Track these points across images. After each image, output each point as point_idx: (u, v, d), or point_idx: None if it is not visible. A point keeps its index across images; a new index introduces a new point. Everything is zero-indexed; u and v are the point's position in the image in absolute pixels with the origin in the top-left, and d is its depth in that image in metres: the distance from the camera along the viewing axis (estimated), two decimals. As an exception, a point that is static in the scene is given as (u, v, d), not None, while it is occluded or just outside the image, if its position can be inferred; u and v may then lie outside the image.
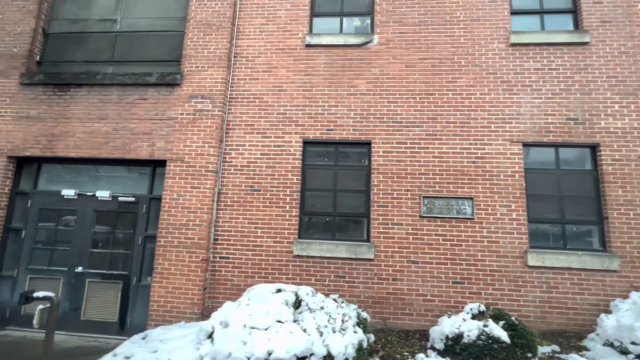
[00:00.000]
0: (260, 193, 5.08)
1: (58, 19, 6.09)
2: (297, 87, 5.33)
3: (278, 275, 4.84)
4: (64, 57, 5.92)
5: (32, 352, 4.36)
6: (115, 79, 5.41)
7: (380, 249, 4.78)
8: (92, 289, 5.11)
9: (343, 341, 3.05)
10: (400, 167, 4.97)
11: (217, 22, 5.51)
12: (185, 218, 4.96)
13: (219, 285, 4.90)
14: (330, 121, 5.19)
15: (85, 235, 5.27)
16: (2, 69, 5.70)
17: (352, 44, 5.35)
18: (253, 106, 5.34)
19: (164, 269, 4.85)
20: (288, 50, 5.47)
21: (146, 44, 5.81)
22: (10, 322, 5.12)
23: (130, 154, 5.22)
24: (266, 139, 5.23)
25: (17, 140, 5.43)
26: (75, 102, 5.47)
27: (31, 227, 5.38)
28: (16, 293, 5.20)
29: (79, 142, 5.33)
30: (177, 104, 5.30)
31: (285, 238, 4.93)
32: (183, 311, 4.72)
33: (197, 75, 5.36)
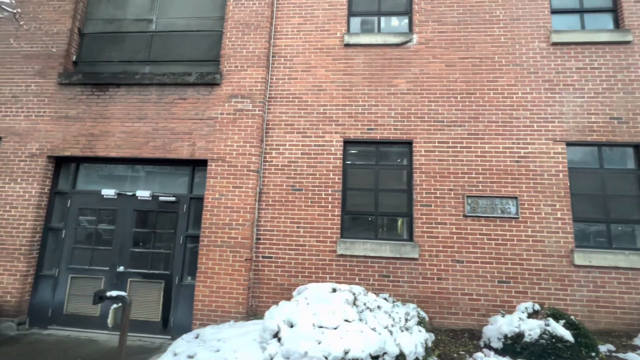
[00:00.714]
0: (301, 192, 5.09)
1: (93, 18, 6.10)
2: (337, 86, 5.33)
3: (322, 275, 4.85)
4: (100, 57, 5.93)
5: (82, 351, 4.37)
6: (154, 78, 5.41)
7: (424, 248, 4.79)
8: (134, 288, 5.13)
9: (412, 340, 3.05)
10: (442, 166, 4.97)
11: (255, 22, 5.52)
12: (228, 218, 4.97)
13: (262, 284, 4.91)
14: (371, 120, 5.19)
15: (126, 234, 5.28)
16: (40, 69, 5.71)
17: (391, 44, 5.35)
18: (292, 106, 5.35)
19: (207, 269, 4.86)
20: (326, 49, 5.47)
21: (182, 44, 5.81)
22: (53, 322, 5.14)
23: (170, 153, 5.23)
24: (306, 139, 5.23)
25: (56, 140, 5.44)
26: (114, 102, 5.48)
27: (71, 226, 5.40)
28: (58, 292, 5.22)
29: (119, 141, 5.34)
30: (217, 104, 5.31)
31: (328, 237, 4.93)
32: (228, 311, 4.73)
33: (237, 75, 5.37)
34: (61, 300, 5.19)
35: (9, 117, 5.60)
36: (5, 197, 5.34)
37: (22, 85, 5.69)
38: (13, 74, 5.74)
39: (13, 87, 5.70)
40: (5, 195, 5.34)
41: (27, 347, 4.42)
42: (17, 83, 5.70)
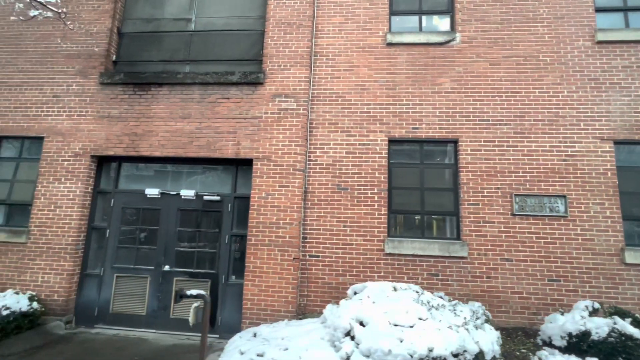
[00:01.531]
0: (347, 191, 5.09)
1: (131, 18, 6.11)
2: (380, 85, 5.34)
3: (369, 274, 4.86)
4: (139, 57, 5.94)
5: (135, 350, 4.39)
6: (197, 78, 5.42)
7: (472, 247, 4.79)
8: (180, 287, 5.11)
9: (488, 338, 3.06)
10: (489, 165, 4.98)
11: (297, 21, 5.52)
12: (275, 217, 4.97)
13: (309, 283, 4.92)
14: (416, 119, 5.19)
15: (170, 234, 5.29)
16: (81, 69, 5.72)
17: (434, 42, 5.35)
18: (336, 105, 5.35)
19: (256, 268, 4.87)
20: (369, 48, 5.46)
21: (222, 43, 5.82)
22: (99, 321, 5.16)
23: (215, 153, 5.24)
24: (351, 138, 5.24)
25: (99, 140, 5.45)
26: (156, 101, 5.49)
27: (114, 225, 5.41)
28: (103, 291, 5.24)
29: (162, 141, 5.35)
30: (261, 103, 5.31)
31: (375, 236, 4.94)
32: (277, 309, 4.74)
33: (280, 74, 5.37)
34: (107, 299, 5.21)
35: (51, 117, 5.61)
36: (49, 196, 5.35)
37: (63, 85, 5.70)
38: (54, 74, 5.75)
39: (54, 86, 5.71)
40: (50, 194, 5.36)
41: (80, 346, 4.43)
42: (58, 83, 5.71)
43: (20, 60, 5.86)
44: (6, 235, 5.28)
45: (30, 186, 5.55)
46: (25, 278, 5.17)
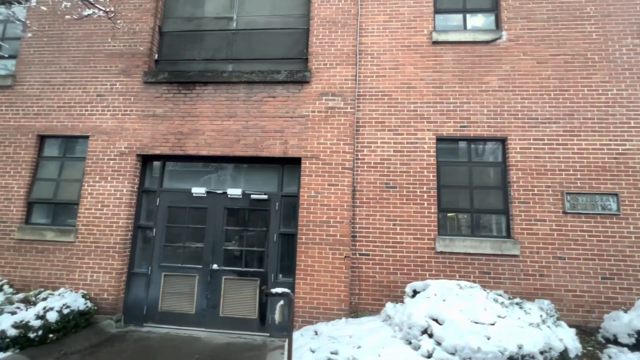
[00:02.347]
0: (396, 190, 5.10)
1: (172, 17, 6.10)
2: (427, 84, 5.33)
3: (421, 272, 4.87)
4: (181, 55, 5.94)
5: (191, 348, 4.39)
6: (243, 76, 5.41)
7: (524, 245, 4.80)
8: (228, 286, 5.15)
9: (568, 335, 3.07)
10: (539, 163, 4.97)
11: (342, 20, 5.51)
12: (325, 215, 4.98)
13: (360, 282, 4.92)
14: (463, 118, 5.19)
15: (217, 232, 5.30)
16: (124, 68, 5.72)
17: (480, 41, 5.34)
18: (382, 103, 5.35)
19: (307, 266, 4.88)
20: (414, 47, 5.46)
21: (264, 42, 5.81)
22: (148, 319, 5.17)
23: (263, 151, 5.24)
24: (398, 136, 5.24)
25: (145, 139, 5.46)
26: (201, 100, 5.49)
27: (161, 224, 5.42)
28: (151, 290, 5.24)
29: (209, 140, 5.35)
30: (308, 102, 5.31)
31: (426, 235, 4.95)
32: (330, 308, 4.75)
33: (326, 73, 5.37)
34: (155, 297, 5.22)
35: (95, 116, 5.62)
36: (96, 195, 5.36)
37: (106, 84, 5.70)
38: (97, 73, 5.75)
39: (98, 85, 5.71)
40: (97, 193, 5.37)
41: (137, 344, 4.44)
42: (102, 82, 5.72)
43: (62, 59, 5.86)
44: (54, 234, 5.29)
45: (74, 185, 5.56)
46: (74, 277, 5.18)
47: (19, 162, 5.61)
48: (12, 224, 5.43)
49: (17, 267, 5.30)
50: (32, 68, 5.90)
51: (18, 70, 5.93)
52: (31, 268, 5.27)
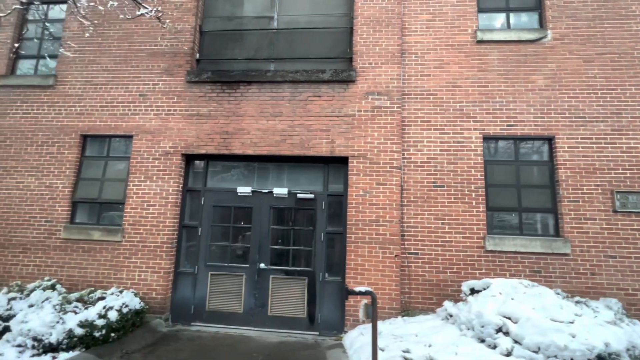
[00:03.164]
0: (443, 189, 5.11)
1: (212, 16, 6.10)
2: (472, 83, 5.34)
3: (471, 271, 4.87)
4: (221, 55, 5.94)
5: (246, 347, 4.40)
6: (288, 76, 5.42)
7: (574, 243, 4.81)
8: (276, 285, 5.16)
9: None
10: (587, 162, 4.98)
11: (385, 19, 5.51)
12: (375, 214, 4.99)
13: (410, 280, 4.94)
14: (510, 117, 5.20)
15: (264, 232, 5.31)
16: (167, 67, 5.72)
17: (525, 40, 5.34)
18: (427, 102, 5.35)
19: (357, 265, 4.89)
20: (458, 46, 5.46)
21: (306, 41, 5.81)
22: (196, 318, 5.18)
23: (309, 151, 5.24)
24: (444, 135, 5.24)
25: (190, 138, 5.46)
26: (245, 99, 5.50)
27: (206, 224, 5.43)
28: (198, 289, 5.26)
29: (255, 139, 5.36)
30: (353, 101, 5.32)
31: (475, 234, 4.96)
32: (381, 307, 4.76)
33: (371, 72, 5.37)
34: (202, 297, 5.23)
35: (139, 116, 5.62)
36: (142, 195, 5.37)
37: (149, 84, 5.70)
38: (139, 73, 5.76)
39: (140, 85, 5.72)
40: (142, 193, 5.37)
41: (191, 343, 4.45)
42: (144, 81, 5.72)
43: (103, 59, 5.86)
44: (100, 234, 5.30)
45: (118, 185, 5.57)
46: (122, 276, 5.19)
47: (63, 161, 5.62)
48: (57, 224, 5.44)
49: (64, 266, 5.31)
50: (73, 68, 5.90)
51: (59, 70, 5.93)
52: (78, 267, 5.29)
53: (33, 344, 3.62)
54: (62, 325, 3.69)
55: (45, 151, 5.68)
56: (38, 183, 5.59)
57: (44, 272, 5.32)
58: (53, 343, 3.63)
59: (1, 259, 5.44)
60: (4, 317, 3.98)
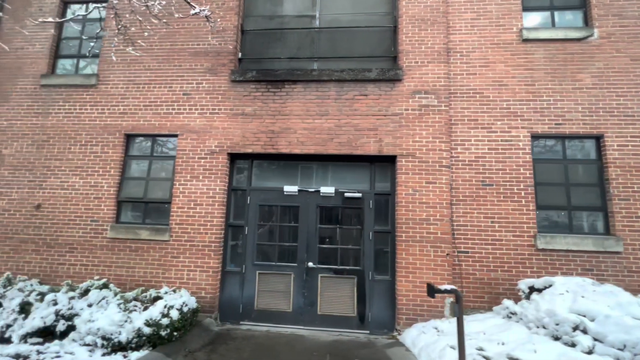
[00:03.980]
0: (492, 188, 5.11)
1: (252, 15, 6.10)
2: (519, 81, 5.34)
3: (522, 269, 4.88)
4: (263, 54, 5.93)
5: (303, 346, 4.41)
6: (333, 75, 5.42)
7: (627, 242, 4.81)
8: (325, 284, 5.16)
9: None
10: (637, 160, 4.98)
11: (431, 17, 5.51)
12: (425, 213, 4.99)
13: (461, 279, 4.94)
14: (558, 115, 5.20)
15: (311, 231, 5.31)
16: (210, 67, 5.72)
17: (571, 38, 5.34)
18: (474, 101, 5.35)
19: (408, 264, 4.90)
20: (503, 44, 5.46)
21: (348, 40, 5.81)
22: (244, 317, 5.19)
23: (357, 150, 5.25)
24: (492, 134, 5.24)
25: (235, 137, 5.46)
26: (291, 98, 5.49)
27: (252, 223, 5.43)
28: (246, 288, 5.26)
29: (301, 138, 5.36)
30: (400, 100, 5.32)
31: (525, 232, 4.96)
32: (434, 305, 4.77)
33: (418, 71, 5.37)
34: (250, 296, 5.23)
35: (183, 115, 5.62)
36: (188, 194, 5.37)
37: (192, 83, 5.70)
38: (182, 72, 5.75)
39: (184, 84, 5.71)
40: (189, 192, 5.38)
41: (249, 342, 4.45)
42: (188, 80, 5.72)
43: (146, 58, 5.85)
44: (148, 233, 5.30)
45: (163, 184, 5.57)
46: (170, 275, 5.19)
47: (107, 161, 5.62)
48: (103, 223, 5.44)
49: (112, 265, 5.31)
50: (114, 67, 5.90)
51: (101, 70, 5.93)
52: (126, 267, 5.29)
53: (103, 343, 3.62)
54: (130, 325, 3.70)
55: (89, 151, 5.67)
56: (83, 182, 5.59)
57: (92, 272, 5.32)
58: (122, 342, 3.63)
59: (47, 258, 5.44)
60: (66, 316, 3.98)
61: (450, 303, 2.93)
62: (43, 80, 5.96)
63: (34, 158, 5.74)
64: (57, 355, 3.46)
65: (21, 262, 5.46)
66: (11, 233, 5.56)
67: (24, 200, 5.63)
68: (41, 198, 5.61)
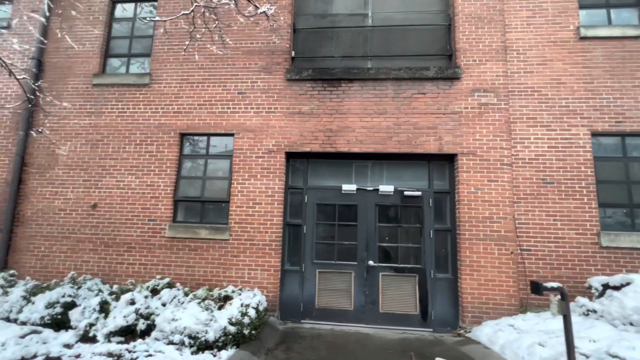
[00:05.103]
0: (553, 186, 5.12)
1: (304, 14, 6.09)
2: (577, 79, 5.34)
3: (586, 267, 4.89)
4: (315, 53, 5.93)
5: (376, 344, 4.42)
6: (391, 73, 5.41)
7: (691, 239, 4.83)
8: (386, 282, 5.17)
9: None
10: (699, 158, 5.00)
11: (487, 15, 5.50)
12: (488, 211, 5.00)
13: (523, 276, 4.95)
14: (618, 113, 5.20)
15: (370, 229, 5.32)
16: (264, 65, 5.71)
17: (630, 36, 5.34)
18: (532, 99, 5.36)
19: (472, 262, 4.91)
20: (561, 42, 5.46)
21: (402, 38, 5.80)
22: (305, 316, 5.20)
23: (417, 148, 5.25)
24: (551, 132, 5.25)
25: (293, 136, 5.46)
26: (348, 97, 5.49)
27: (310, 221, 5.44)
28: (306, 287, 5.27)
29: (360, 137, 5.36)
30: (459, 98, 5.32)
31: (588, 230, 4.97)
32: (500, 303, 4.78)
33: (476, 69, 5.37)
34: (310, 294, 5.24)
35: (238, 114, 5.62)
36: (247, 193, 5.38)
37: (247, 82, 5.70)
38: (236, 71, 5.75)
39: (238, 83, 5.71)
40: (247, 191, 5.38)
41: (319, 341, 4.45)
42: (242, 79, 5.71)
43: (198, 57, 5.84)
44: (207, 232, 5.31)
45: (219, 183, 5.57)
46: (231, 274, 5.20)
47: (163, 160, 5.62)
48: (161, 222, 5.45)
49: (171, 265, 5.32)
50: (167, 66, 5.89)
51: (153, 69, 5.92)
52: (185, 266, 5.30)
53: (190, 342, 3.63)
54: (216, 323, 3.70)
55: (144, 150, 5.67)
56: (139, 182, 5.59)
57: (151, 271, 5.33)
58: (209, 340, 3.64)
59: (105, 257, 5.45)
60: (144, 315, 3.98)
61: (558, 301, 2.92)
62: (95, 80, 5.96)
63: (89, 157, 5.74)
64: (149, 354, 3.46)
65: (79, 262, 5.47)
66: (68, 232, 5.56)
67: (79, 200, 5.63)
68: (97, 197, 5.61)
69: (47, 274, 5.47)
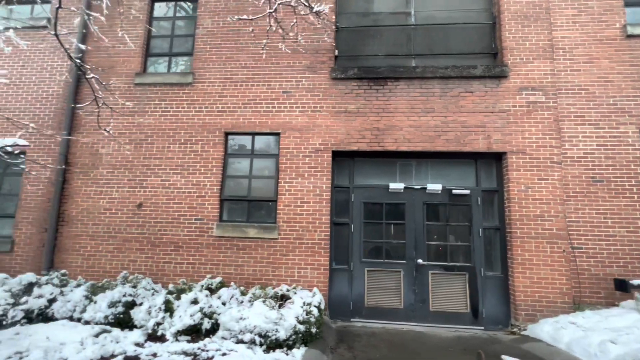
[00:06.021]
0: (602, 184, 5.12)
1: (346, 12, 6.08)
2: (624, 77, 5.34)
3: (637, 265, 4.90)
4: (358, 51, 5.92)
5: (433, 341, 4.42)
6: (438, 72, 5.41)
7: None
8: (436, 280, 5.18)
9: None
10: None
11: (533, 14, 5.50)
12: (539, 209, 5.00)
13: (575, 274, 4.96)
14: (666, 111, 5.21)
15: (418, 228, 5.32)
16: (309, 64, 5.71)
17: (676, 34, 5.35)
18: (579, 97, 5.36)
19: (524, 260, 4.91)
20: (607, 40, 5.46)
21: (445, 37, 5.80)
22: (355, 315, 5.20)
23: (465, 147, 5.25)
24: (599, 130, 5.25)
25: (339, 135, 5.46)
26: (395, 95, 5.49)
27: (357, 220, 5.44)
28: (355, 285, 5.28)
29: (408, 135, 5.36)
30: (507, 97, 5.32)
31: (639, 228, 4.98)
32: (553, 301, 4.79)
33: (524, 67, 5.36)
34: (359, 293, 5.25)
35: (283, 113, 5.61)
36: (294, 192, 5.38)
37: (292, 81, 5.69)
38: (280, 70, 5.74)
39: (283, 82, 5.70)
40: (295, 190, 5.38)
41: (376, 339, 4.45)
42: (287, 78, 5.71)
43: (241, 56, 5.84)
44: (256, 232, 5.31)
45: (266, 182, 5.57)
46: (280, 273, 5.21)
47: (209, 159, 5.62)
48: (208, 222, 5.45)
49: (219, 264, 5.32)
50: (210, 65, 5.88)
51: (195, 68, 5.91)
52: (234, 265, 5.30)
53: (260, 341, 3.64)
54: (286, 322, 3.71)
55: (189, 149, 5.67)
56: (184, 181, 5.58)
57: (199, 270, 5.33)
58: (280, 339, 3.65)
59: (153, 257, 5.45)
60: (207, 314, 3.98)
61: (645, 298, 2.93)
62: (137, 79, 5.95)
63: (133, 157, 5.74)
64: (223, 353, 3.47)
65: (126, 261, 5.47)
66: (114, 232, 5.56)
67: (125, 199, 5.63)
68: (142, 197, 5.61)
69: (94, 273, 5.47)
